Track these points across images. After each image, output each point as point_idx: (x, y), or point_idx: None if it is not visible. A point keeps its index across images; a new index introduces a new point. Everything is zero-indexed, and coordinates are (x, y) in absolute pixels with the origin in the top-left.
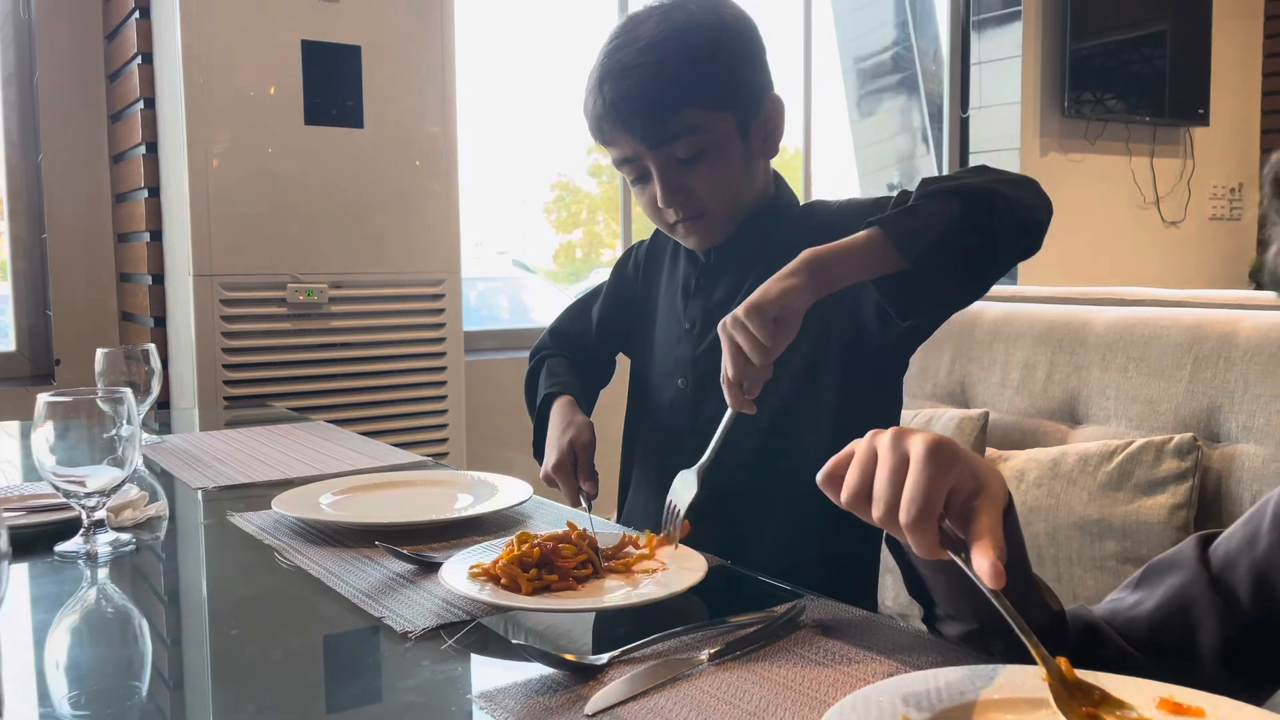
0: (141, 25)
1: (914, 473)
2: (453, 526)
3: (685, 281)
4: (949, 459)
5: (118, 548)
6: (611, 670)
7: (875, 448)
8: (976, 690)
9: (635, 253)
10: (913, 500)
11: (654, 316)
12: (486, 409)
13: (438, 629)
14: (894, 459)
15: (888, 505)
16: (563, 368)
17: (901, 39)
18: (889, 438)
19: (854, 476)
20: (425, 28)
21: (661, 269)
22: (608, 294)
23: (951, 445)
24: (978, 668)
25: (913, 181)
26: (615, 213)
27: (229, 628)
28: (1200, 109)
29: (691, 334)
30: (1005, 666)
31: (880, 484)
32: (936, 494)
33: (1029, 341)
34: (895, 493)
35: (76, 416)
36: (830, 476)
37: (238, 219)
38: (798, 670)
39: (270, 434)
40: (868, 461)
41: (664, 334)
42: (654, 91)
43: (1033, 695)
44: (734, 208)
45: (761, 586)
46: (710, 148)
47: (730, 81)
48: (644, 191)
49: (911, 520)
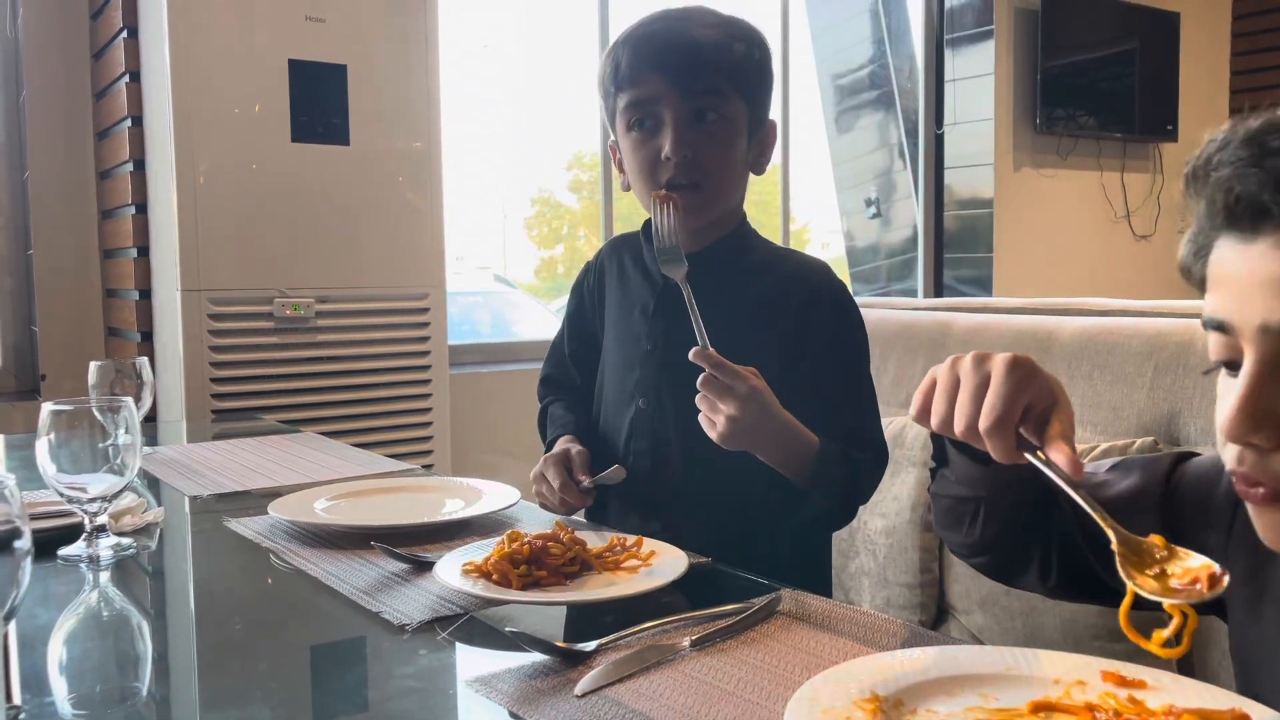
0: (129, 44)
1: (994, 387)
2: (444, 529)
3: (644, 303)
4: (1027, 375)
5: (119, 551)
6: (599, 656)
7: (958, 373)
8: (942, 668)
9: (586, 279)
10: (992, 408)
11: (610, 336)
12: (471, 420)
13: (432, 622)
14: (976, 378)
15: (969, 420)
16: (560, 410)
17: (878, 56)
18: (969, 360)
19: (941, 403)
20: (410, 47)
21: (610, 289)
22: (570, 329)
23: (1029, 362)
24: (944, 648)
25: (889, 196)
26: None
27: (230, 624)
28: (1169, 125)
29: (653, 355)
30: (966, 647)
31: (964, 402)
32: (1014, 405)
33: (999, 350)
34: (977, 408)
35: (79, 425)
36: (921, 410)
37: (225, 234)
38: (774, 654)
39: (261, 445)
40: (951, 386)
41: (620, 354)
42: (704, 46)
43: (994, 671)
44: (722, 196)
45: (740, 581)
46: (725, 122)
47: (758, 80)
48: (646, 144)
49: (990, 426)
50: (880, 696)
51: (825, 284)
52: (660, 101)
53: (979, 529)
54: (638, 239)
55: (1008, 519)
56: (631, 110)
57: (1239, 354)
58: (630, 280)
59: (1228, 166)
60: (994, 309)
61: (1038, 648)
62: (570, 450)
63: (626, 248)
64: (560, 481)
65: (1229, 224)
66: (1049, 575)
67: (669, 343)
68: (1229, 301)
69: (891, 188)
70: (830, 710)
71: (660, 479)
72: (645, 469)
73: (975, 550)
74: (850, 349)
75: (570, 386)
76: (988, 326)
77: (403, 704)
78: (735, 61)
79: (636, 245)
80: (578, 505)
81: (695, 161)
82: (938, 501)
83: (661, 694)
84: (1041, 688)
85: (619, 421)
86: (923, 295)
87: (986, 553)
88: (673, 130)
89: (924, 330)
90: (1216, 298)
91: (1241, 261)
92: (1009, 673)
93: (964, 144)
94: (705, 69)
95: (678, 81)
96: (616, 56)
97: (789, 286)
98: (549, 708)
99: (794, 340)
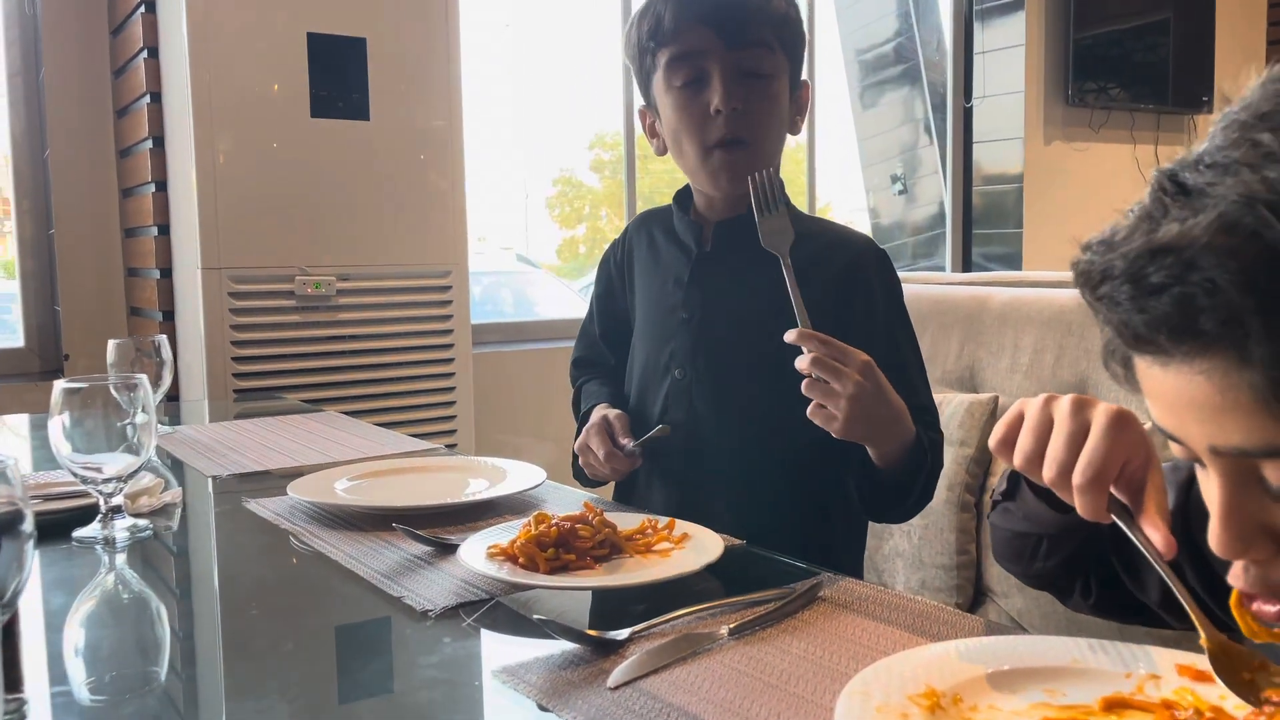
0: (147, 20)
1: (1094, 439)
2: (468, 510)
3: (678, 273)
4: (1127, 430)
5: (135, 533)
6: (632, 645)
7: (1051, 413)
8: (1000, 660)
9: (613, 255)
10: (1089, 464)
11: (642, 310)
12: (494, 400)
13: (457, 608)
14: (1073, 425)
15: (1061, 468)
16: (595, 386)
17: (904, 30)
18: (1068, 405)
19: (1028, 441)
20: (430, 20)
21: (640, 262)
22: (600, 307)
23: (1132, 417)
24: (998, 639)
25: (915, 172)
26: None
27: (248, 609)
28: (1204, 96)
29: (690, 324)
30: (1025, 637)
31: (1057, 448)
32: (1113, 463)
33: (1037, 326)
34: (1071, 457)
35: (93, 404)
36: (1003, 442)
37: (245, 212)
38: (818, 644)
39: (282, 424)
40: (1042, 425)
41: (654, 326)
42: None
43: (1054, 664)
44: (767, 154)
45: (776, 565)
46: (770, 77)
47: (798, 37)
48: (694, 99)
49: (1085, 483)
50: (937, 691)
51: (869, 249)
52: (707, 55)
53: (1041, 562)
54: (667, 211)
55: (1071, 554)
56: (676, 65)
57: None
58: (662, 252)
59: (1114, 305)
60: (1030, 283)
61: (1084, 635)
62: (608, 415)
63: (655, 220)
64: (605, 450)
65: (1137, 348)
66: (1089, 593)
67: (706, 311)
68: (1169, 417)
69: (917, 163)
70: (884, 707)
71: (694, 453)
72: (679, 443)
73: (1036, 581)
74: (900, 315)
75: (603, 365)
76: (1025, 301)
77: (428, 695)
78: (778, 17)
79: (666, 217)
80: (625, 470)
81: (745, 115)
82: (996, 532)
83: (700, 686)
84: (1112, 682)
85: (654, 395)
86: (950, 272)
87: (1043, 580)
88: (721, 84)
89: (959, 305)
90: (1156, 409)
91: (1165, 380)
92: (1074, 666)
93: (993, 118)
94: (752, 21)
95: (728, 34)
96: (658, 11)
97: (832, 253)
98: (580, 701)
99: (842, 306)
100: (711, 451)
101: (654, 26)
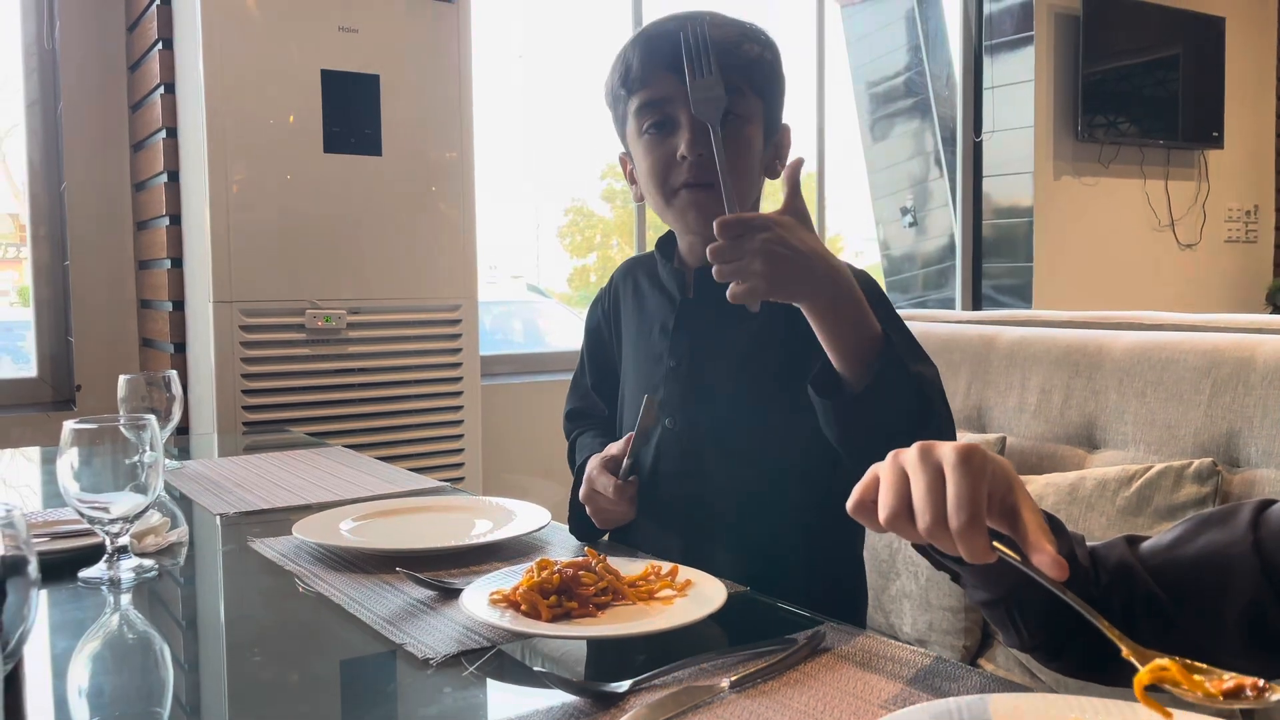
0: (164, 56)
1: (954, 481)
2: (472, 552)
3: (663, 321)
4: (980, 462)
5: (141, 574)
6: (632, 698)
7: (902, 465)
8: (999, 718)
9: (600, 306)
10: (960, 507)
11: (629, 359)
12: (503, 433)
13: (458, 655)
14: (928, 471)
15: (934, 515)
16: (589, 439)
17: (914, 63)
18: (915, 453)
19: (890, 497)
20: (442, 56)
21: (627, 311)
22: (590, 359)
23: (980, 449)
24: (1000, 696)
25: (925, 205)
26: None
27: (250, 654)
28: (1215, 131)
29: (678, 372)
30: (1028, 695)
31: (920, 497)
32: (980, 497)
33: (1045, 366)
34: (939, 503)
35: (101, 443)
36: (861, 503)
37: (257, 246)
38: (819, 698)
39: (289, 459)
40: (899, 480)
41: (641, 376)
42: (719, 42)
43: None
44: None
45: (780, 614)
46: (742, 121)
47: (774, 80)
48: (661, 145)
49: (962, 525)
50: None
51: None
52: (675, 101)
53: (1025, 630)
54: (651, 259)
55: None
56: (644, 112)
57: None
58: (647, 300)
59: None
60: (1039, 322)
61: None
62: (606, 453)
63: (640, 268)
64: (614, 484)
65: None
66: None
67: (693, 358)
68: None
69: (927, 196)
70: None
71: (692, 501)
72: (674, 492)
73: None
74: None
75: (597, 417)
76: (1033, 340)
77: None
78: (749, 60)
79: (650, 265)
80: (633, 494)
81: (711, 162)
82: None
83: None
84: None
85: (645, 447)
86: (960, 305)
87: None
88: (688, 129)
89: (967, 344)
90: None
91: None
92: None
93: (1003, 152)
94: (724, 60)
95: None
96: (627, 59)
97: None
98: None
99: None
100: (709, 498)
101: (624, 74)
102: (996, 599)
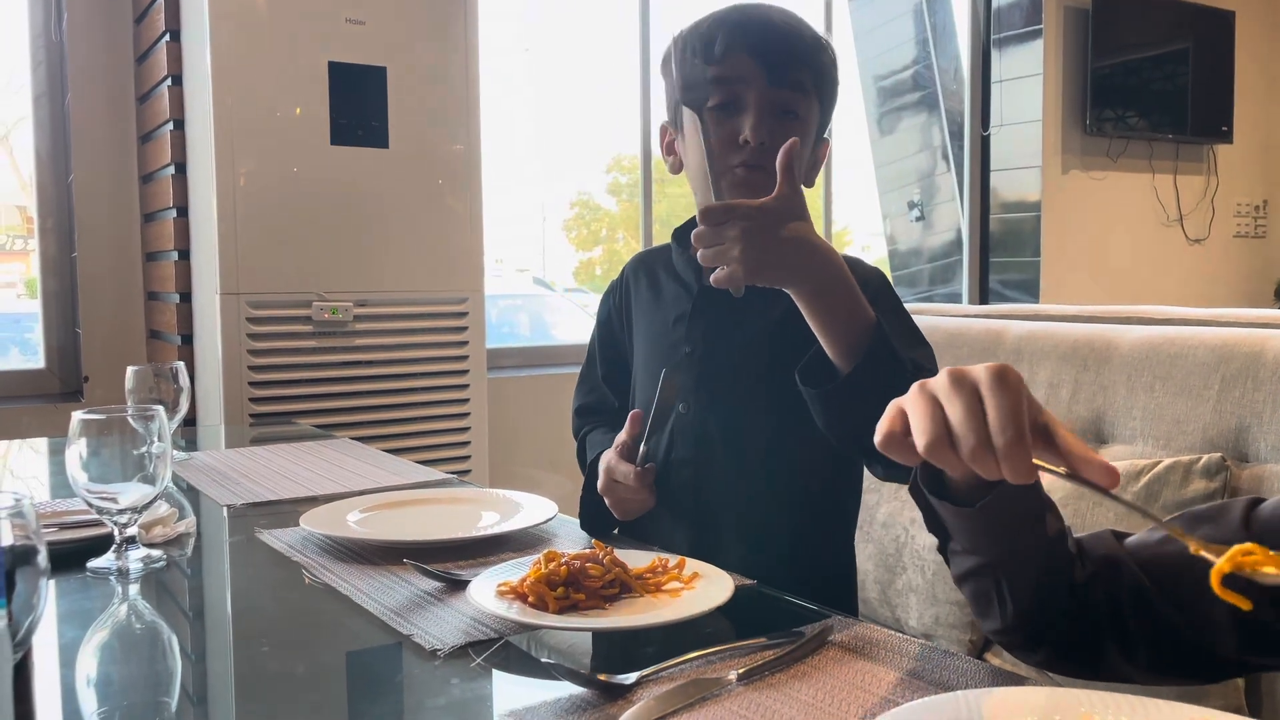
0: (172, 48)
1: (994, 400)
2: (479, 544)
3: (680, 309)
4: (1016, 380)
5: (149, 564)
6: (640, 690)
7: (933, 392)
8: (1006, 712)
9: (612, 298)
10: (1004, 426)
11: (643, 349)
12: (509, 425)
13: (465, 647)
14: (964, 394)
15: (978, 438)
16: (599, 435)
17: (922, 57)
18: (945, 378)
19: (927, 423)
20: (449, 48)
21: (640, 303)
22: (601, 352)
23: (1011, 368)
24: (1007, 689)
25: (933, 199)
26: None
27: (258, 644)
28: (1224, 126)
29: (693, 358)
30: (1034, 688)
31: (960, 421)
32: (1022, 414)
33: (1053, 360)
34: (980, 425)
35: (109, 434)
36: (891, 435)
37: (264, 238)
38: (826, 690)
39: (297, 451)
40: (932, 407)
41: (656, 364)
42: (802, 41)
43: (1066, 716)
44: None
45: (787, 606)
46: (801, 123)
47: (833, 93)
48: (722, 124)
49: (1009, 443)
50: None
51: (873, 274)
52: (746, 83)
53: (1011, 603)
54: (665, 251)
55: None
56: (714, 87)
57: None
58: (663, 290)
59: None
60: (1048, 316)
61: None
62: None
63: (654, 259)
64: (635, 471)
65: None
66: (1134, 652)
67: (709, 345)
68: None
69: (934, 190)
70: None
71: (703, 488)
72: (686, 479)
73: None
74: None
75: (607, 411)
76: (1041, 335)
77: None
78: (824, 65)
79: (665, 256)
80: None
81: (771, 151)
82: (963, 589)
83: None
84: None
85: (661, 432)
86: (967, 299)
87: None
88: (754, 114)
89: (974, 339)
90: None
91: None
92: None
93: (1011, 146)
94: (797, 63)
95: (771, 69)
96: (710, 32)
97: None
98: None
99: None
100: (720, 486)
101: (704, 45)
102: (987, 564)
